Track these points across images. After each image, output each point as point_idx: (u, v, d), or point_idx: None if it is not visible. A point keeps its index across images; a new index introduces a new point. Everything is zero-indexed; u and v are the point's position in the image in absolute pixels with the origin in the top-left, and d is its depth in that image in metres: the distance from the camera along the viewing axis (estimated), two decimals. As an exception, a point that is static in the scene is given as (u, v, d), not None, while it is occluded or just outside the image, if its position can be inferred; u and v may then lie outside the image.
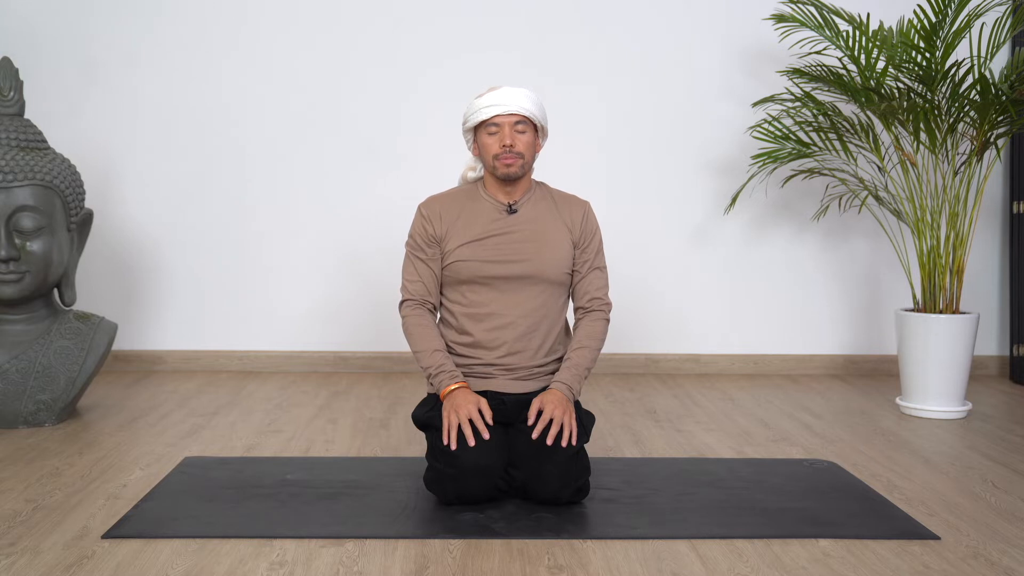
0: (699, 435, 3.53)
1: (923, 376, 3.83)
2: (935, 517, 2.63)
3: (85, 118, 4.57)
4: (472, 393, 2.65)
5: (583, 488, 2.66)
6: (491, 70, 4.48)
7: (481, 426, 2.58)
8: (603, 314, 2.82)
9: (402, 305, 2.80)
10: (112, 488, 2.82)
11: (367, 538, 2.42)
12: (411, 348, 2.75)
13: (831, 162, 4.40)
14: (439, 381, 2.68)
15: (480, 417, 2.59)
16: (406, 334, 2.77)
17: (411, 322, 2.76)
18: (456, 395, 2.63)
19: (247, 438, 3.43)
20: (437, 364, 2.69)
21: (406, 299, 2.80)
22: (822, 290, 4.75)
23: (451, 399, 2.63)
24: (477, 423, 2.58)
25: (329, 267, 4.67)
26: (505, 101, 2.71)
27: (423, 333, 2.74)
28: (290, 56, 4.60)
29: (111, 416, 3.71)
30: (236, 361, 4.68)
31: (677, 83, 4.66)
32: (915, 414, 3.86)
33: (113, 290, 4.63)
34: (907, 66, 3.81)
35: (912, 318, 3.87)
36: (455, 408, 2.60)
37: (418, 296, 2.78)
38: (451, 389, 2.65)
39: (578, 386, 2.71)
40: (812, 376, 4.69)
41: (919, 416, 3.85)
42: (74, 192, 3.60)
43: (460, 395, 2.63)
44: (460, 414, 2.59)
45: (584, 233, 2.83)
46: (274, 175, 4.64)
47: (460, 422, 2.58)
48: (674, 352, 4.74)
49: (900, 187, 4.18)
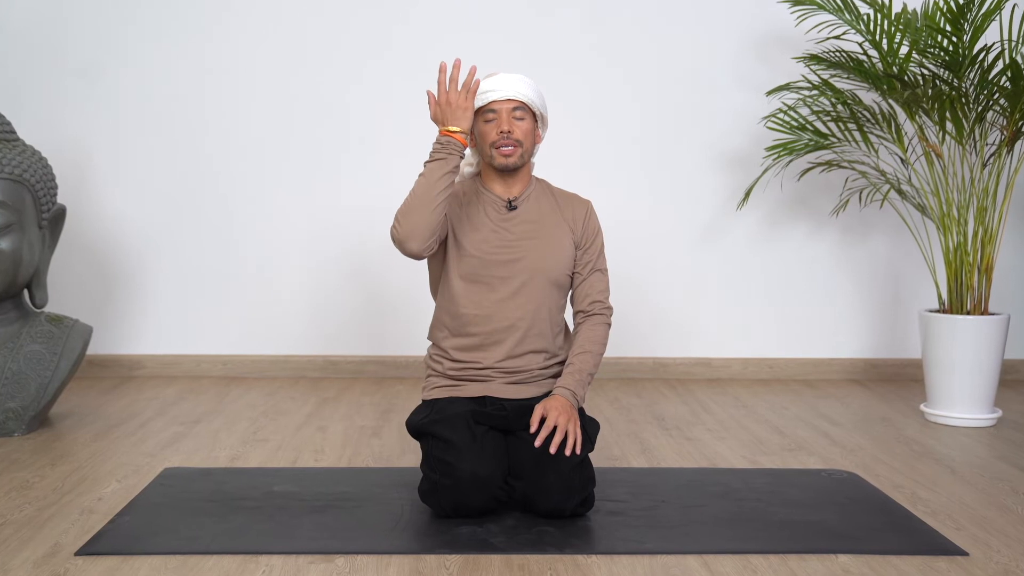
0: (710, 444, 3.53)
1: (949, 381, 3.83)
2: (963, 531, 2.63)
3: (57, 108, 4.57)
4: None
5: (588, 500, 2.66)
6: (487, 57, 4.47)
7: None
8: (604, 318, 2.83)
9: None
10: (86, 502, 2.81)
11: (358, 553, 2.41)
12: (412, 201, 2.61)
13: (851, 154, 4.40)
14: (437, 148, 2.64)
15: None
16: (400, 213, 2.62)
17: (397, 210, 2.64)
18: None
19: (231, 448, 3.42)
20: (428, 158, 2.66)
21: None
22: (841, 290, 4.75)
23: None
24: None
25: (318, 266, 4.66)
26: (502, 87, 2.72)
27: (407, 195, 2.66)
28: (275, 46, 4.60)
29: (85, 425, 3.70)
30: (219, 366, 4.68)
31: (685, 71, 4.66)
32: (941, 421, 3.86)
33: (88, 291, 4.63)
34: (932, 51, 3.80)
35: (937, 319, 3.87)
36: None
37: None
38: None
39: (582, 392, 2.72)
40: (830, 381, 4.69)
41: (945, 424, 3.84)
42: (45, 186, 3.60)
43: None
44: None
45: (586, 233, 2.84)
46: (260, 170, 4.64)
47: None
48: (683, 356, 4.74)
49: (924, 180, 4.18)
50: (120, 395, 4.24)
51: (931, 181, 4.01)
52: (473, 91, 2.66)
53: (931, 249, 4.26)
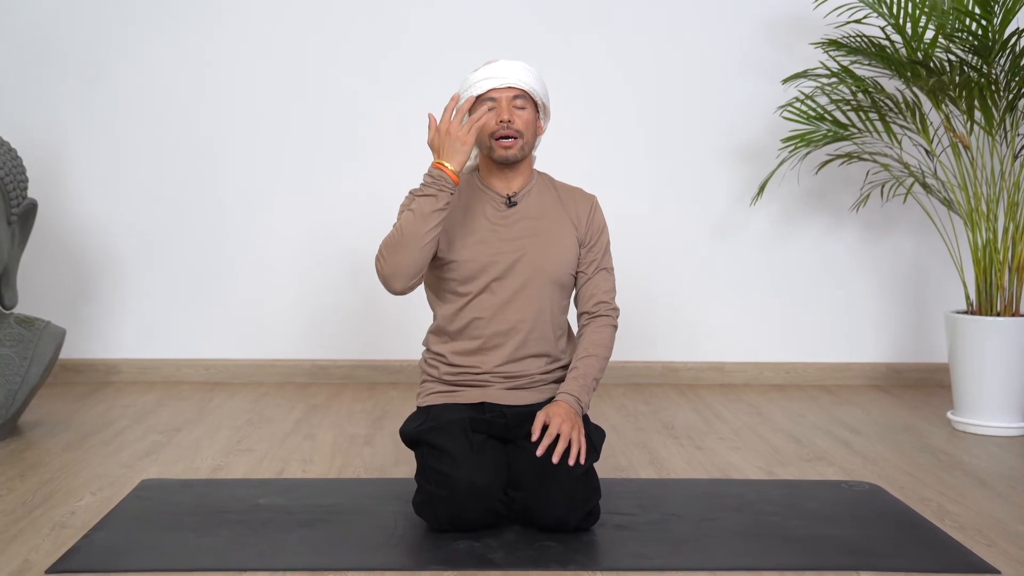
0: (723, 453, 3.52)
1: (978, 387, 3.82)
2: (994, 548, 2.62)
3: (28, 98, 4.56)
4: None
5: (593, 513, 2.65)
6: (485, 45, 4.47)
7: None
8: (611, 320, 2.83)
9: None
10: (58, 516, 2.80)
11: (349, 570, 2.40)
12: (399, 238, 2.63)
13: (872, 145, 4.39)
14: (427, 181, 2.63)
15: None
16: (385, 247, 2.65)
17: (384, 240, 2.66)
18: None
19: (213, 458, 3.42)
20: (417, 192, 2.65)
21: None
22: (862, 290, 4.74)
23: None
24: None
25: (307, 265, 4.66)
26: (502, 74, 2.72)
27: (393, 228, 2.66)
28: (262, 29, 4.59)
29: (58, 434, 3.70)
30: (201, 371, 4.67)
31: (696, 57, 4.65)
32: (969, 430, 3.85)
33: (61, 291, 4.62)
34: (960, 35, 3.79)
35: (965, 321, 3.86)
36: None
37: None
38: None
39: (587, 398, 2.72)
40: (851, 387, 4.68)
41: (974, 432, 3.83)
42: (15, 180, 3.59)
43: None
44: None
45: (591, 230, 2.84)
46: (245, 163, 4.63)
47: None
48: (694, 359, 4.73)
49: (951, 173, 4.17)
50: (95, 402, 4.23)
51: (958, 174, 4.00)
52: (477, 128, 2.63)
53: (958, 246, 4.24)
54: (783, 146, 4.29)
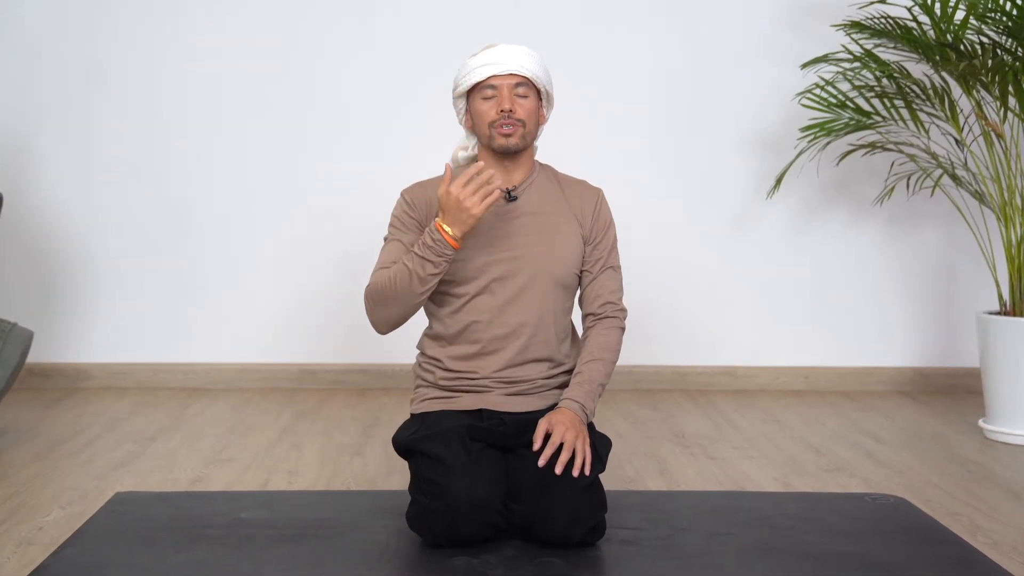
0: (737, 464, 3.53)
1: (1012, 393, 3.82)
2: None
3: (-6, 82, 4.58)
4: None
5: (597, 528, 2.65)
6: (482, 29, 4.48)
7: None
8: (618, 321, 2.83)
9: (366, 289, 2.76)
10: (25, 531, 2.81)
11: (336, 589, 2.40)
12: (390, 291, 2.67)
13: (897, 134, 4.40)
14: (426, 242, 2.63)
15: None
16: (374, 293, 2.70)
17: (374, 280, 2.71)
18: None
19: (192, 469, 3.42)
20: (415, 250, 2.65)
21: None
22: (887, 289, 4.75)
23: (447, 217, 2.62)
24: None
25: (292, 264, 4.67)
26: (503, 59, 2.71)
27: (385, 273, 2.70)
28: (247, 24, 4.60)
29: (24, 443, 3.70)
30: (179, 376, 4.68)
31: (709, 40, 4.66)
32: (1002, 439, 3.86)
33: (28, 291, 4.63)
34: (992, 16, 3.80)
35: (998, 323, 3.87)
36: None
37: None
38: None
39: (592, 405, 2.72)
40: (874, 393, 4.69)
41: (1007, 442, 3.84)
42: (-19, 171, 3.59)
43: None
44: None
45: (597, 226, 2.83)
46: (226, 152, 4.64)
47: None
48: (706, 364, 4.74)
49: (983, 164, 4.18)
50: (64, 409, 4.24)
51: (991, 165, 4.01)
52: (488, 205, 2.62)
53: (990, 243, 4.25)
54: (802, 135, 4.30)
